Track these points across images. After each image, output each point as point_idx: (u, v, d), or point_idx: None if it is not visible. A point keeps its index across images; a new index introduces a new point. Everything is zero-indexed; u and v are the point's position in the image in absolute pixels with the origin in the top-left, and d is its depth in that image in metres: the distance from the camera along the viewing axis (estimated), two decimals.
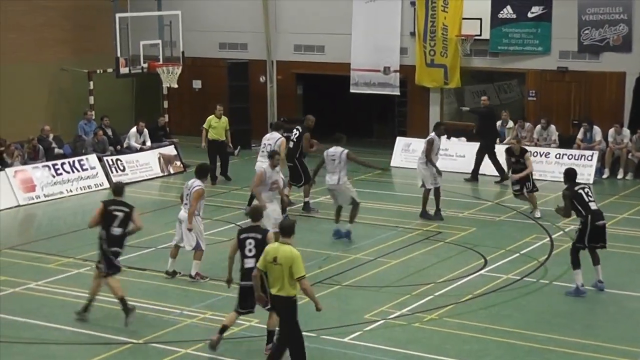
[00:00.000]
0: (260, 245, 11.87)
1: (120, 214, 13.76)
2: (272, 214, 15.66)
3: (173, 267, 15.52)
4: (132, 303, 13.62)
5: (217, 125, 22.85)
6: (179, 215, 15.35)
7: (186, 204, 15.16)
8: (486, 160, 23.56)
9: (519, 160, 19.52)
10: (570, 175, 14.79)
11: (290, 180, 19.95)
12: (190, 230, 14.98)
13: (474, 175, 23.45)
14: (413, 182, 23.40)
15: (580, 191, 14.39)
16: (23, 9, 26.04)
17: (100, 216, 13.83)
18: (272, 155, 16.71)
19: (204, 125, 22.96)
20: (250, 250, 12.03)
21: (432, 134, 19.34)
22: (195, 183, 15.10)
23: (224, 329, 12.44)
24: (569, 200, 14.33)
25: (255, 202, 16.22)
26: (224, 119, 23.14)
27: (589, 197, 14.36)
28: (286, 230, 11.13)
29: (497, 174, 23.25)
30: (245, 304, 12.27)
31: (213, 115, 22.95)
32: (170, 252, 15.62)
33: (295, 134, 20.37)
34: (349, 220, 17.71)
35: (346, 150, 17.91)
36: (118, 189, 14.13)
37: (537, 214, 19.29)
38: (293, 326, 11.34)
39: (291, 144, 20.21)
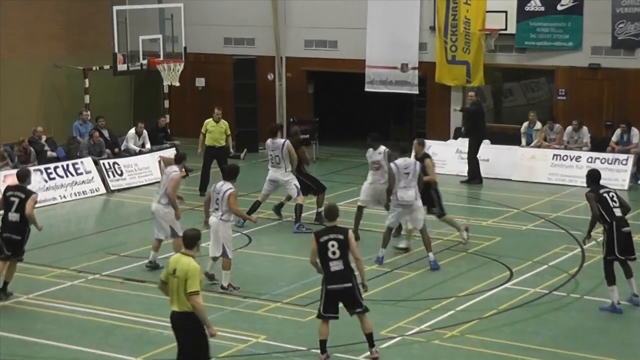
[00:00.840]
0: (344, 245, 12.17)
1: (16, 200, 14.90)
2: None
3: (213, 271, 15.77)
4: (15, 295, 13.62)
5: (213, 130, 22.11)
6: (210, 222, 15.36)
7: (217, 209, 15.24)
8: (505, 161, 23.77)
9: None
10: (593, 177, 14.72)
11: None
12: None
13: (475, 176, 23.58)
14: None
15: (605, 195, 14.35)
16: (15, 3, 26.13)
17: (1, 202, 15.12)
18: None
19: (202, 130, 22.41)
20: (334, 253, 12.21)
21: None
22: (226, 186, 15.26)
23: (323, 344, 12.49)
24: (594, 202, 14.29)
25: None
26: (223, 123, 22.33)
27: (614, 203, 14.30)
28: (189, 241, 10.89)
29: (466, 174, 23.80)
30: (329, 309, 12.36)
31: (210, 119, 22.39)
32: (209, 267, 15.68)
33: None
34: (428, 249, 16.85)
35: (418, 162, 17.13)
36: (21, 174, 15.27)
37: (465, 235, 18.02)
38: (200, 346, 10.88)
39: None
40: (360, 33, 27.32)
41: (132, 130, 25.31)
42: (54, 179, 22.42)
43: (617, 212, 14.25)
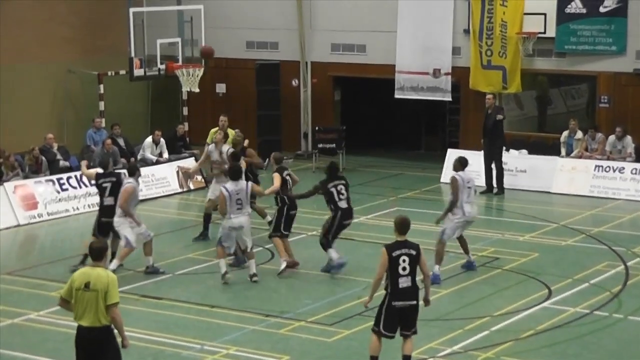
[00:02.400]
0: (415, 261, 12.33)
1: (108, 185, 17.40)
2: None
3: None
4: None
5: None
6: (237, 223, 16.54)
7: (239, 208, 16.55)
8: (543, 172, 23.75)
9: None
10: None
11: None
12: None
13: (499, 186, 23.65)
14: None
15: None
16: (26, 3, 26.34)
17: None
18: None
19: (207, 140, 22.38)
20: (404, 269, 12.34)
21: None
22: (242, 183, 16.81)
23: (374, 358, 12.50)
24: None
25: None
26: (230, 131, 21.73)
27: None
28: (97, 253, 10.99)
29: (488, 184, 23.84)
30: (390, 327, 12.37)
31: (216, 128, 21.81)
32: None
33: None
34: (467, 252, 17.59)
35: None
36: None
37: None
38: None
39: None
40: (390, 36, 27.34)
41: (149, 139, 25.39)
42: (66, 189, 22.53)
43: None
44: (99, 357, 10.98)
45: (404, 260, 12.35)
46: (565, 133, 24.87)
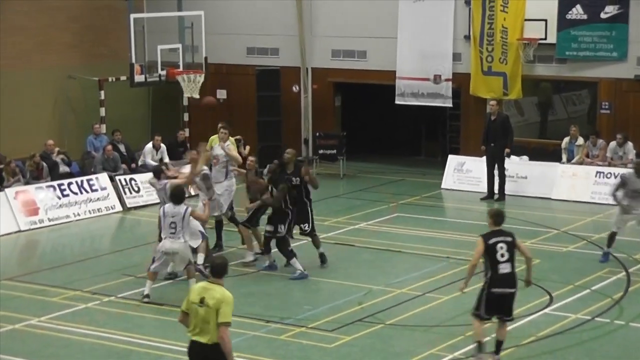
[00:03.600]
0: (512, 247, 12.97)
1: None
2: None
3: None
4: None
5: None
6: (168, 248, 15.83)
7: (172, 232, 15.75)
8: (544, 178, 23.78)
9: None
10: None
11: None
12: None
13: (500, 192, 23.72)
14: (466, 207, 23.46)
15: None
16: (26, 9, 26.36)
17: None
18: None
19: (207, 147, 22.11)
20: (502, 255, 12.93)
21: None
22: (181, 208, 15.82)
23: (483, 346, 13.10)
24: None
25: None
26: (229, 139, 22.26)
27: None
28: (217, 269, 10.79)
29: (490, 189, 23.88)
30: (491, 311, 13.07)
31: (215, 135, 22.16)
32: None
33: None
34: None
35: None
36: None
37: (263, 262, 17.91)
38: None
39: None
40: (391, 42, 27.36)
41: (150, 145, 25.42)
42: (67, 195, 22.55)
43: None
44: None
45: (501, 247, 12.96)
46: (567, 139, 24.87)
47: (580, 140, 24.73)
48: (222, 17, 28.97)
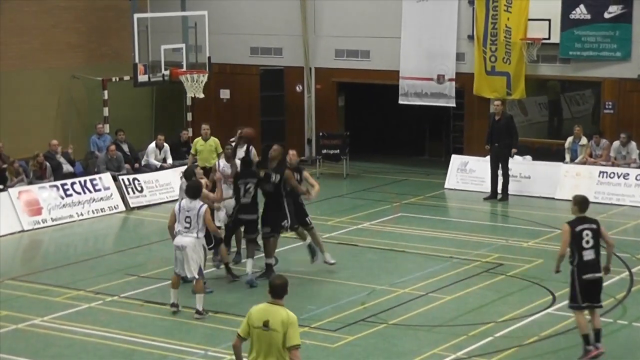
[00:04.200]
0: (597, 235, 13.29)
1: None
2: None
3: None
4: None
5: (202, 149, 21.40)
6: (178, 242, 15.36)
7: (187, 227, 15.33)
8: (547, 178, 23.77)
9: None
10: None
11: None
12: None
13: (504, 192, 23.70)
14: (470, 207, 23.46)
15: None
16: (30, 9, 26.40)
17: None
18: None
19: (192, 150, 21.83)
20: (588, 242, 13.27)
21: None
22: (197, 204, 15.40)
23: (586, 336, 13.34)
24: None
25: None
26: (213, 140, 21.65)
27: None
28: (278, 290, 10.38)
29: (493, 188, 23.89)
30: (586, 298, 13.35)
31: (199, 137, 21.70)
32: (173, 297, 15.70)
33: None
34: None
35: None
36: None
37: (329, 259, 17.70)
38: None
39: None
40: (394, 42, 27.36)
41: (153, 144, 25.44)
42: (70, 195, 22.57)
43: None
44: None
45: (587, 234, 13.26)
46: (570, 139, 24.85)
47: (584, 140, 24.72)
48: (225, 17, 28.99)
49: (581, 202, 13.64)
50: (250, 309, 10.21)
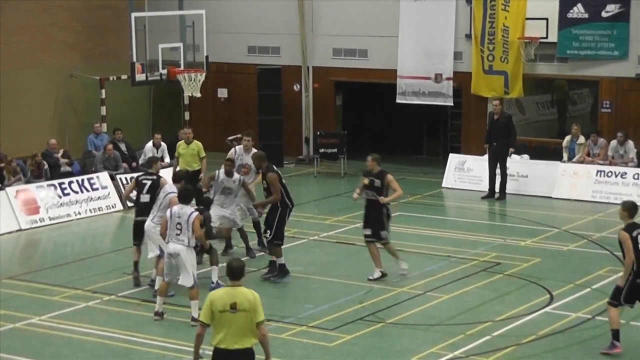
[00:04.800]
0: None
1: (147, 182, 16.92)
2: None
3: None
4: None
5: (184, 152, 20.85)
6: (171, 249, 15.11)
7: (178, 234, 15.09)
8: (545, 177, 23.79)
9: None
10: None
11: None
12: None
13: (501, 191, 23.72)
14: (467, 206, 23.46)
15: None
16: (27, 8, 26.39)
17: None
18: None
19: (175, 153, 21.43)
20: None
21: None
22: (188, 209, 15.17)
23: (616, 332, 13.63)
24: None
25: None
26: (195, 144, 20.99)
27: None
28: (236, 272, 10.53)
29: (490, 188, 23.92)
30: (631, 299, 13.57)
31: (182, 141, 21.32)
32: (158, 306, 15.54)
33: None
34: None
35: None
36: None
37: (404, 266, 17.40)
38: None
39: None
40: (392, 41, 27.37)
41: (150, 143, 25.36)
42: (68, 194, 22.56)
43: None
44: None
45: (637, 239, 13.40)
46: (568, 138, 24.86)
47: (582, 139, 24.72)
48: (223, 16, 28.99)
49: (631, 208, 13.72)
50: (209, 296, 10.43)
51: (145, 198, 16.88)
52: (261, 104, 28.16)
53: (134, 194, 17.93)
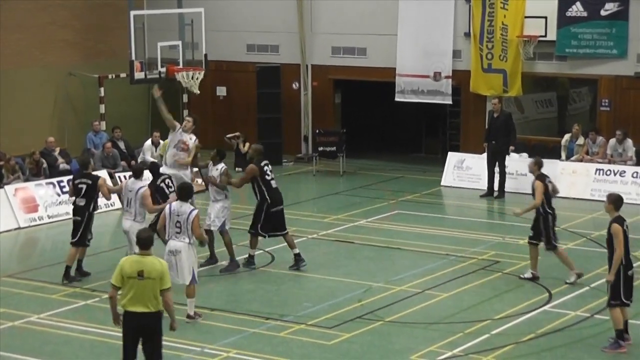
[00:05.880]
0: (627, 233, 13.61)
1: (83, 187, 17.19)
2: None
3: None
4: None
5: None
6: (172, 246, 15.11)
7: (178, 232, 15.07)
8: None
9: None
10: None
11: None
12: None
13: (500, 189, 23.74)
14: (466, 204, 23.47)
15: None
16: (27, 6, 26.39)
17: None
18: None
19: (160, 151, 21.49)
20: (627, 239, 13.58)
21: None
22: (187, 207, 15.16)
23: (621, 332, 13.72)
24: None
25: None
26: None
27: None
28: (146, 242, 11.57)
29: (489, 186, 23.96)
30: (630, 294, 13.72)
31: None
32: None
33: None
34: None
35: None
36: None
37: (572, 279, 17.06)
38: (161, 345, 11.82)
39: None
40: (391, 40, 27.36)
41: (149, 142, 25.37)
42: (66, 192, 22.47)
43: None
44: (149, 341, 11.63)
45: (626, 232, 13.61)
46: (567, 136, 24.84)
47: (581, 140, 24.67)
48: (222, 14, 28.98)
49: (616, 201, 13.85)
50: (121, 261, 11.59)
51: (81, 202, 17.31)
52: (260, 102, 28.16)
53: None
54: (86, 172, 17.66)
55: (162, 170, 18.32)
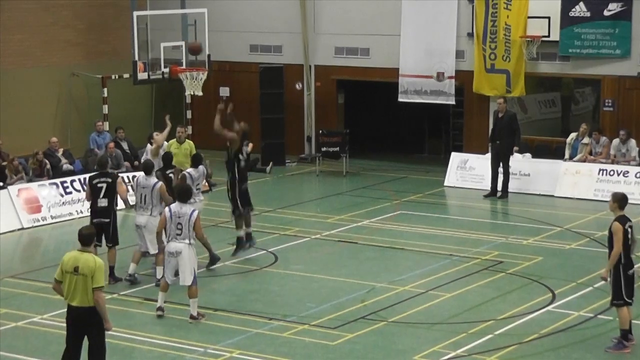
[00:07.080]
0: (632, 231, 13.50)
1: (103, 185, 16.97)
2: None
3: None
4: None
5: (177, 152, 20.67)
6: (173, 248, 15.19)
7: (179, 233, 15.13)
8: (547, 176, 23.76)
9: None
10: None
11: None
12: None
13: (504, 190, 23.69)
14: (469, 205, 23.45)
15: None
16: (29, 7, 26.39)
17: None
18: None
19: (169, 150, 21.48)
20: (629, 240, 13.52)
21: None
22: (187, 208, 15.20)
23: (626, 332, 13.71)
24: None
25: None
26: (188, 143, 21.24)
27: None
28: (86, 239, 11.96)
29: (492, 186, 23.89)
30: (631, 292, 13.63)
31: (174, 140, 21.38)
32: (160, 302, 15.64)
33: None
34: None
35: None
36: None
37: None
38: (101, 340, 12.07)
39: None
40: (394, 40, 27.35)
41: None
42: (70, 193, 22.55)
43: None
44: (87, 334, 11.98)
45: (629, 232, 13.54)
46: (573, 135, 24.79)
47: (587, 139, 24.65)
48: (225, 15, 28.98)
49: (621, 199, 13.79)
50: (64, 256, 11.94)
51: (103, 202, 16.95)
52: (263, 102, 28.15)
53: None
54: (104, 170, 17.35)
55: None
